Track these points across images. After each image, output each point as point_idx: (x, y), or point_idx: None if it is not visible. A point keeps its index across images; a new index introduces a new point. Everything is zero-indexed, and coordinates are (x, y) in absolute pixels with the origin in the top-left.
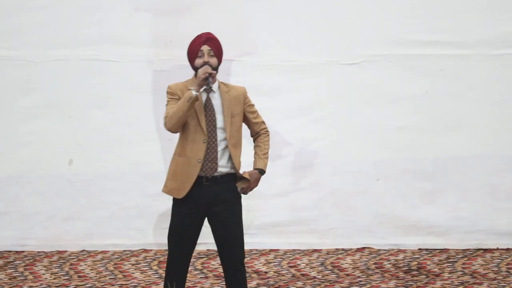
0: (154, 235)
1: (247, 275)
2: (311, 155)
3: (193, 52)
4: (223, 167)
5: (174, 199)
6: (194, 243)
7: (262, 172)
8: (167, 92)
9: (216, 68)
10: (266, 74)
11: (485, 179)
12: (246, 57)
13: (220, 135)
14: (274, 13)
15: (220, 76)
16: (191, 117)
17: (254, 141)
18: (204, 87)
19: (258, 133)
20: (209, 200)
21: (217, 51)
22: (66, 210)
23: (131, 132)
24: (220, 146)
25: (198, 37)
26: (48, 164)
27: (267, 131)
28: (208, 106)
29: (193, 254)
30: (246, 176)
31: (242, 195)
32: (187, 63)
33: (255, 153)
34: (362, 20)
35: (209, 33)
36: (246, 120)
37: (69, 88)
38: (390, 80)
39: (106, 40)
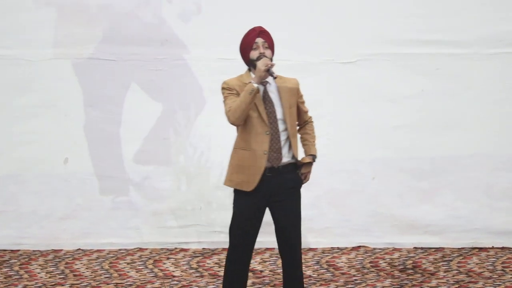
0: (150, 234)
1: None
2: None
3: (247, 45)
4: (286, 157)
5: (236, 192)
6: (255, 234)
7: (314, 158)
8: (224, 88)
9: (271, 59)
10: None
11: (481, 178)
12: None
13: (280, 126)
14: (271, 13)
15: (218, 75)
16: (252, 110)
17: (300, 129)
18: (264, 79)
19: (306, 122)
20: (271, 191)
21: (271, 43)
22: (62, 209)
23: (127, 131)
24: (282, 136)
25: (252, 30)
26: (44, 163)
27: (312, 119)
28: (266, 99)
29: (188, 253)
30: (308, 160)
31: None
32: (182, 62)
33: (306, 140)
34: (359, 19)
35: (260, 27)
36: (297, 110)
37: (65, 87)
38: (386, 79)
39: (101, 39)
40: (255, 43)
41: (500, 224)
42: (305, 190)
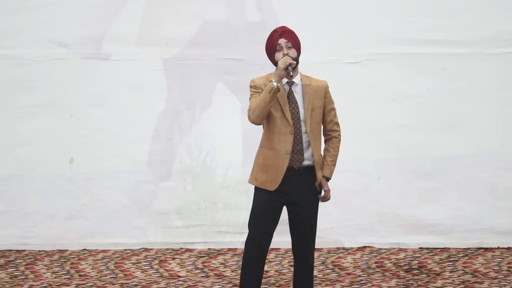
0: (155, 234)
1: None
2: None
3: (271, 47)
4: (307, 159)
5: (257, 189)
6: (271, 229)
7: (328, 179)
8: (250, 86)
9: (296, 59)
10: (267, 73)
11: (486, 178)
12: (246, 56)
13: (303, 127)
14: (274, 12)
15: (221, 75)
16: (275, 109)
17: (325, 142)
18: (286, 79)
19: (330, 135)
20: (290, 190)
21: (294, 42)
22: (67, 209)
23: (132, 131)
24: (304, 138)
25: (274, 32)
26: (49, 163)
27: (340, 135)
28: (291, 99)
29: (194, 253)
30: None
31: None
32: (188, 61)
33: (324, 157)
34: (363, 19)
35: (284, 27)
36: (323, 114)
37: (70, 87)
38: (391, 79)
39: (106, 38)
40: (278, 45)
41: (505, 224)
42: None
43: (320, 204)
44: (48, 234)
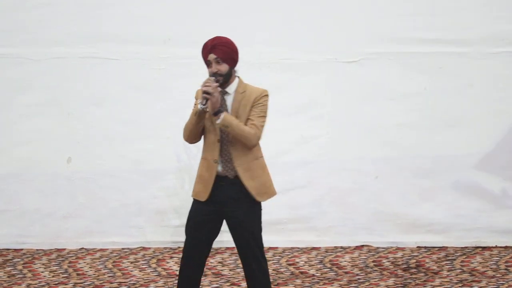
0: (153, 233)
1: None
2: (310, 152)
3: (204, 62)
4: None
5: (193, 200)
6: (207, 240)
7: (219, 112)
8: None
9: (227, 73)
10: (265, 72)
11: (484, 177)
12: (245, 55)
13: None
14: (273, 11)
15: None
16: (207, 119)
17: None
18: (219, 88)
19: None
20: (222, 200)
21: (224, 56)
22: (64, 208)
23: (130, 130)
24: (230, 146)
25: (204, 46)
26: (47, 162)
27: (255, 133)
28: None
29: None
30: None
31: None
32: (185, 60)
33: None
34: (361, 18)
35: (214, 39)
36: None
37: (68, 86)
38: (389, 78)
39: (105, 37)
40: (208, 61)
41: (503, 222)
42: (307, 188)
43: (318, 203)
44: (46, 233)
